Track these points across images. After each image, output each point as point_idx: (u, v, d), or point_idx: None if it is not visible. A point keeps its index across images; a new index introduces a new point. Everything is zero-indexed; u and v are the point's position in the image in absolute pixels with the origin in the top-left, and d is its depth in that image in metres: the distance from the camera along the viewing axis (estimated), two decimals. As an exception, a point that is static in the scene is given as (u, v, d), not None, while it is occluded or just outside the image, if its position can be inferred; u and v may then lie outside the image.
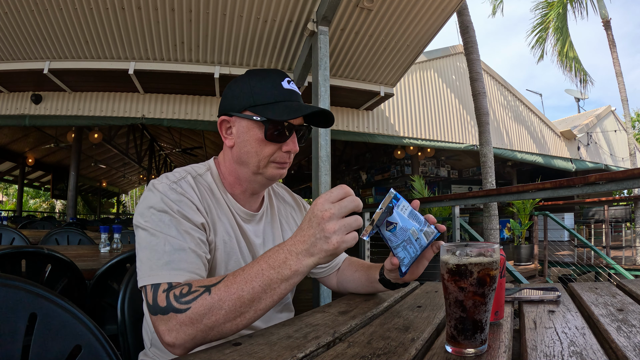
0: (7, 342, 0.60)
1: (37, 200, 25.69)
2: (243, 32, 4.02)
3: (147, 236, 0.73)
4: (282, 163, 0.87)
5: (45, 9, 3.69)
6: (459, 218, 3.38)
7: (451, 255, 0.55)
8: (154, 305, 0.67)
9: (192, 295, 0.64)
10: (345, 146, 11.18)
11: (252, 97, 0.83)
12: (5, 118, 5.38)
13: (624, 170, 1.96)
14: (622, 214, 6.56)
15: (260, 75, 0.86)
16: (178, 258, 0.71)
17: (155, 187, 0.78)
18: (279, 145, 0.85)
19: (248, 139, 0.84)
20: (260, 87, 0.84)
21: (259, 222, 0.94)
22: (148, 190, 0.79)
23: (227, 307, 0.63)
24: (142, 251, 0.73)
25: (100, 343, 0.69)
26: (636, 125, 21.31)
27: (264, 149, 0.84)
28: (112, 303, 1.46)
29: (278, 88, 0.84)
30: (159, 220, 0.74)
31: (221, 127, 0.88)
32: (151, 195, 0.77)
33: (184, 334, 0.63)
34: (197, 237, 0.76)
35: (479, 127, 5.53)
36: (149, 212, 0.75)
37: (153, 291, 0.68)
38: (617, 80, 9.63)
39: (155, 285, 0.68)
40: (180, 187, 0.79)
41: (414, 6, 3.75)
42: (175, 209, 0.75)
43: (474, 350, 0.54)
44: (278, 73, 0.87)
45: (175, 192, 0.77)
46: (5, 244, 2.60)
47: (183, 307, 0.63)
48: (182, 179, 0.82)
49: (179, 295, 0.65)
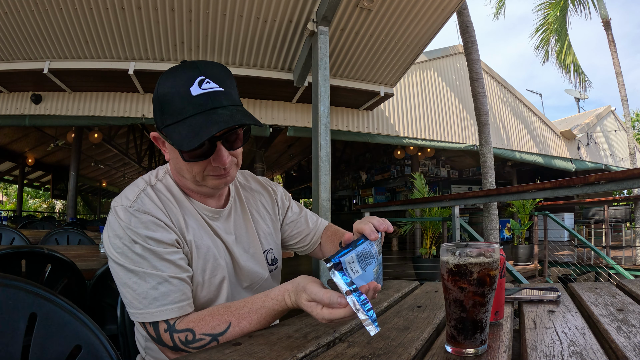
0: (7, 342, 0.60)
1: (37, 200, 25.69)
2: (243, 32, 4.02)
3: (125, 273, 0.72)
4: (218, 175, 0.80)
5: (45, 9, 3.69)
6: (459, 218, 3.38)
7: (451, 255, 0.55)
8: (158, 339, 0.71)
9: (198, 342, 0.68)
10: (345, 146, 11.17)
11: (162, 115, 0.75)
12: (5, 118, 5.38)
13: (624, 170, 1.96)
14: (622, 214, 6.56)
15: (168, 82, 0.74)
16: (164, 292, 0.71)
17: (118, 214, 0.74)
18: (206, 161, 0.77)
19: (176, 157, 0.79)
20: (168, 101, 0.73)
21: (227, 218, 0.90)
22: (112, 215, 0.75)
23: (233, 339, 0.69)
24: (123, 287, 0.73)
25: (100, 343, 0.69)
26: (636, 125, 21.31)
27: (192, 167, 0.78)
28: (112, 303, 1.45)
29: (186, 98, 0.72)
30: (131, 253, 0.71)
31: (156, 141, 0.82)
32: (116, 224, 0.73)
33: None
34: (175, 259, 0.74)
35: (479, 127, 5.53)
36: (119, 242, 0.72)
37: (154, 328, 0.71)
38: (617, 80, 9.63)
39: (153, 324, 0.71)
40: (141, 205, 0.74)
41: (414, 6, 3.75)
42: (144, 235, 0.72)
43: (474, 350, 0.54)
44: (188, 73, 0.73)
45: (138, 214, 0.73)
46: (5, 244, 2.60)
47: (193, 350, 0.68)
48: (141, 193, 0.77)
49: (185, 342, 0.69)
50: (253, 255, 0.92)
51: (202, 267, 0.81)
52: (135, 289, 0.71)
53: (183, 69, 0.74)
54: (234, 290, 0.88)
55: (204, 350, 0.60)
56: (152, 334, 0.72)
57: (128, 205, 0.74)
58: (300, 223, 1.06)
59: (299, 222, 1.06)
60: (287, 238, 1.07)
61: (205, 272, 0.81)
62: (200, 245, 0.82)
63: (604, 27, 9.60)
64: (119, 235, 0.72)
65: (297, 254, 1.15)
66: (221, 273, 0.84)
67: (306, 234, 1.07)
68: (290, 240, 1.07)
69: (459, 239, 3.39)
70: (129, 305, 0.72)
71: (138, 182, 0.81)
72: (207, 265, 0.82)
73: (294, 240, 1.07)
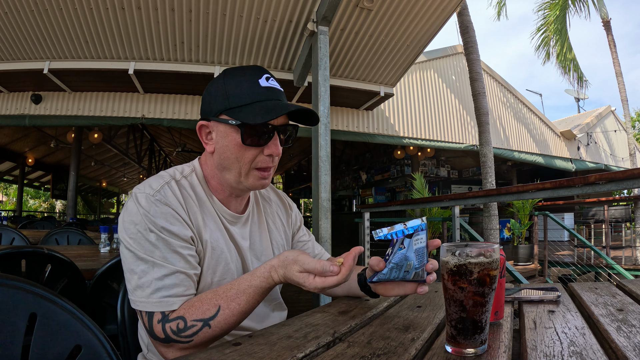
0: (7, 342, 0.60)
1: (37, 200, 25.69)
2: (243, 32, 4.02)
3: (134, 260, 0.72)
4: (265, 169, 0.83)
5: (45, 9, 3.69)
6: (459, 218, 3.38)
7: (451, 255, 0.55)
8: (151, 331, 0.71)
9: (190, 330, 0.69)
10: (345, 146, 11.17)
11: (227, 99, 0.79)
12: (5, 118, 5.38)
13: (624, 170, 1.96)
14: (622, 214, 6.56)
15: (236, 74, 0.81)
16: (168, 284, 0.71)
17: (139, 201, 0.74)
18: (259, 149, 0.81)
19: (227, 144, 0.80)
20: (236, 88, 0.79)
21: (245, 224, 0.91)
22: (131, 201, 0.76)
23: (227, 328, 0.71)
24: (130, 273, 0.73)
25: (100, 343, 0.69)
26: (636, 125, 21.31)
27: (244, 154, 0.80)
28: (112, 303, 1.46)
29: (255, 87, 0.79)
30: (145, 241, 0.72)
31: (200, 133, 0.84)
32: (134, 210, 0.74)
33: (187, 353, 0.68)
34: (186, 254, 0.75)
35: (479, 127, 5.53)
36: (133, 228, 0.73)
37: (148, 318, 0.72)
38: (617, 80, 9.63)
39: (149, 314, 0.71)
40: (163, 197, 0.75)
41: (414, 6, 3.75)
42: (160, 225, 0.73)
43: (474, 350, 0.54)
44: (256, 70, 0.81)
45: (159, 204, 0.74)
46: (5, 244, 2.60)
47: (184, 339, 0.69)
48: (165, 185, 0.78)
49: (176, 331, 0.69)
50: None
51: (213, 268, 0.82)
52: (141, 277, 0.72)
53: (249, 67, 0.83)
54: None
55: (203, 350, 0.60)
56: (145, 324, 0.72)
57: (150, 194, 0.75)
58: (307, 246, 1.07)
59: (307, 244, 1.07)
60: None
61: (216, 274, 0.82)
62: (215, 247, 0.83)
63: (604, 27, 9.61)
64: (136, 221, 0.73)
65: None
66: (230, 277, 0.84)
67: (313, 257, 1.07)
68: None
69: (459, 239, 3.39)
70: (132, 292, 0.73)
71: (162, 174, 0.82)
72: (218, 267, 0.82)
73: None
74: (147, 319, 0.72)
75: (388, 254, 0.70)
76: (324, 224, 3.03)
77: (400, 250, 0.68)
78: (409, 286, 0.74)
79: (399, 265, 0.69)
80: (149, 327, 0.71)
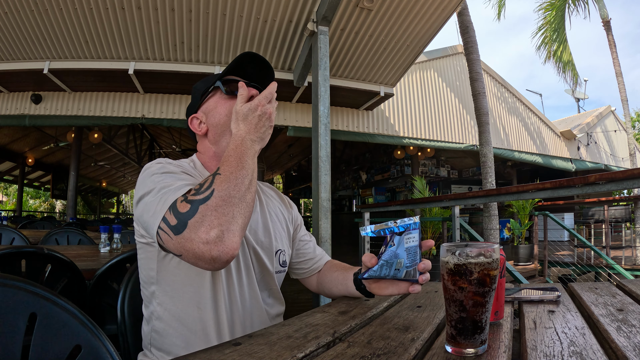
0: (7, 342, 0.60)
1: (37, 200, 25.69)
2: (243, 32, 4.02)
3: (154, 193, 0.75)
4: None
5: (45, 9, 3.69)
6: (459, 218, 3.38)
7: (451, 255, 0.55)
8: (181, 218, 0.66)
9: (206, 183, 0.70)
10: (345, 146, 11.18)
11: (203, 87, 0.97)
12: (5, 118, 5.38)
13: (624, 170, 1.96)
14: (622, 214, 6.56)
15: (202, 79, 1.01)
16: (184, 181, 0.78)
17: (152, 163, 0.84)
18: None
19: (216, 111, 0.94)
20: (205, 81, 0.98)
21: None
22: (145, 169, 0.83)
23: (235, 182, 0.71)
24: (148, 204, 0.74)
25: (100, 343, 0.69)
26: (636, 125, 21.31)
27: (230, 107, 0.92)
28: (112, 303, 1.46)
29: (217, 74, 0.97)
30: (162, 175, 0.79)
31: (193, 125, 0.97)
32: (149, 169, 0.82)
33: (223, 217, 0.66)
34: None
35: (479, 127, 5.53)
36: (150, 178, 0.79)
37: (173, 211, 0.68)
38: (617, 80, 9.63)
39: (172, 206, 0.69)
40: (177, 162, 0.87)
41: (414, 6, 3.75)
42: (176, 170, 0.82)
43: (473, 350, 0.54)
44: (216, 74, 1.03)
45: (172, 164, 0.85)
46: (5, 244, 2.60)
47: (207, 192, 0.68)
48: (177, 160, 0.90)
49: (195, 192, 0.69)
50: (264, 249, 0.94)
51: None
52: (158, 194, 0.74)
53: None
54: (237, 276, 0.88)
55: (203, 350, 0.60)
56: (171, 222, 0.67)
57: (164, 160, 0.86)
58: (308, 246, 1.10)
59: (308, 244, 1.10)
60: (292, 255, 1.08)
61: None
62: None
63: (604, 27, 9.60)
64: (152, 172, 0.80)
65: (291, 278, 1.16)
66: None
67: (310, 257, 1.09)
68: (294, 258, 1.09)
69: (459, 239, 3.39)
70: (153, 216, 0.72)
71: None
72: None
73: (297, 259, 1.08)
74: (172, 215, 0.68)
75: (381, 251, 0.71)
76: (324, 224, 3.03)
77: (390, 247, 0.69)
78: (402, 285, 0.75)
79: (389, 263, 0.69)
80: (175, 217, 0.67)
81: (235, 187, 0.70)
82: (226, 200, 0.67)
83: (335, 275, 0.99)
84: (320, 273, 1.07)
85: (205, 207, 0.66)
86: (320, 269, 1.08)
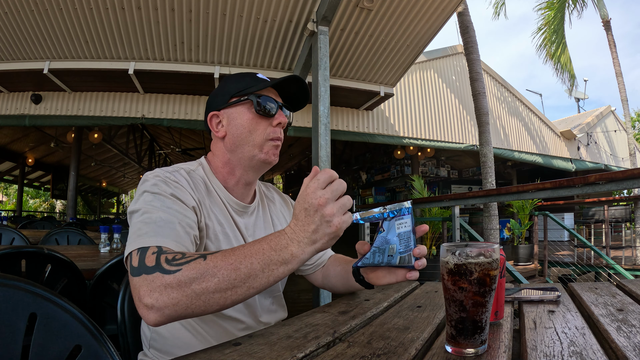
0: (7, 342, 0.60)
1: (37, 200, 25.69)
2: (243, 32, 4.02)
3: (138, 215, 0.73)
4: (276, 139, 0.91)
5: (45, 9, 3.69)
6: (459, 218, 3.38)
7: (451, 255, 0.55)
8: (139, 266, 0.63)
9: (186, 259, 0.61)
10: (345, 146, 11.17)
11: (234, 89, 0.91)
12: (5, 118, 5.38)
13: (624, 170, 1.96)
14: (622, 214, 6.56)
15: (236, 76, 0.95)
16: (168, 229, 0.70)
17: (148, 177, 0.80)
18: (268, 120, 0.90)
19: (240, 122, 0.89)
20: (239, 82, 0.92)
21: (250, 216, 0.95)
22: (142, 182, 0.80)
23: (221, 275, 0.60)
24: (133, 225, 0.72)
25: (100, 343, 0.69)
26: (636, 125, 21.31)
27: (257, 126, 0.89)
28: (112, 303, 1.46)
29: (254, 78, 0.92)
30: (152, 200, 0.75)
31: (211, 123, 0.92)
32: (144, 184, 0.79)
33: (167, 297, 0.59)
34: (189, 217, 0.76)
35: (479, 127, 5.53)
36: (142, 196, 0.76)
37: (140, 254, 0.65)
38: (617, 80, 9.63)
39: (143, 249, 0.65)
40: (173, 176, 0.81)
41: (414, 6, 3.75)
42: (169, 192, 0.77)
43: (474, 350, 0.54)
44: (250, 72, 0.95)
45: (168, 180, 0.79)
46: (5, 244, 2.60)
47: (173, 269, 0.60)
48: (176, 172, 0.84)
49: (170, 260, 0.62)
50: None
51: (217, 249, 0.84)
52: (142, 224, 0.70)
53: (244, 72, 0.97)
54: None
55: (203, 350, 0.60)
56: (133, 262, 0.64)
57: (161, 172, 0.81)
58: None
59: None
60: None
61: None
62: (219, 231, 0.86)
63: (604, 27, 9.61)
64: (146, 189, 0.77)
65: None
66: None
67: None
68: None
69: (459, 239, 3.39)
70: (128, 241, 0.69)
71: (171, 166, 0.87)
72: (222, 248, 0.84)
73: None
74: (138, 256, 0.64)
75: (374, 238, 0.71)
76: (324, 224, 3.02)
77: (380, 233, 0.69)
78: (399, 273, 0.75)
79: (380, 249, 0.69)
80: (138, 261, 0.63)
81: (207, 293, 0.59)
82: (181, 289, 0.59)
83: (338, 269, 0.98)
84: (324, 268, 1.06)
85: (161, 278, 0.60)
86: (324, 263, 1.07)
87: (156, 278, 0.60)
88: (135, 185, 21.88)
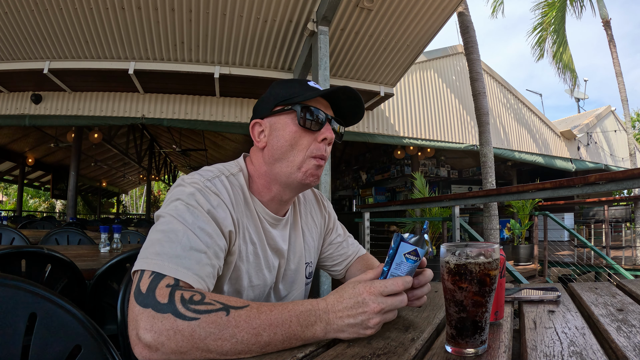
0: (7, 342, 0.60)
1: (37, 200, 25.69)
2: (243, 32, 4.02)
3: (167, 221, 0.67)
4: (319, 157, 0.81)
5: (45, 9, 3.69)
6: (459, 218, 3.38)
7: (451, 255, 0.55)
8: (147, 295, 0.57)
9: (205, 306, 0.56)
10: (345, 146, 11.17)
11: (281, 96, 0.83)
12: (5, 118, 5.39)
13: (624, 170, 1.96)
14: (622, 214, 6.56)
15: (284, 82, 0.87)
16: (193, 257, 0.64)
17: (186, 182, 0.73)
18: (313, 134, 0.81)
19: (282, 134, 0.81)
20: (287, 88, 0.83)
21: (284, 227, 0.90)
22: (178, 185, 0.74)
23: (240, 337, 0.55)
24: (155, 233, 0.66)
25: (100, 343, 0.69)
26: (636, 125, 21.30)
27: (299, 140, 0.80)
28: (112, 303, 1.46)
29: (304, 86, 0.83)
30: (185, 210, 0.68)
31: (253, 130, 0.85)
32: (182, 189, 0.72)
33: (175, 344, 0.54)
34: (219, 244, 0.71)
35: (479, 127, 5.53)
36: (174, 203, 0.70)
37: (152, 280, 0.59)
38: (617, 80, 9.63)
39: (157, 275, 0.60)
40: (214, 186, 0.74)
41: (414, 6, 3.75)
42: (207, 207, 0.70)
43: (474, 350, 0.54)
44: (300, 79, 0.87)
45: (207, 191, 0.73)
46: (5, 243, 2.60)
47: (190, 314, 0.55)
48: (216, 178, 0.77)
49: (188, 300, 0.57)
50: (297, 267, 0.92)
51: (247, 270, 0.80)
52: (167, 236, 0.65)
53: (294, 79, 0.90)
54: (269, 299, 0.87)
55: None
56: (142, 287, 0.59)
57: (201, 180, 0.74)
58: (342, 247, 1.04)
59: (341, 245, 1.04)
60: (324, 258, 1.04)
61: (250, 277, 0.81)
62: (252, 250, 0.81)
63: (604, 27, 9.60)
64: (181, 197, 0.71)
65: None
66: (262, 280, 0.84)
67: (344, 258, 1.04)
68: (327, 261, 1.05)
69: (459, 239, 3.39)
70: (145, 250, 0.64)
71: (212, 168, 0.80)
72: (252, 270, 0.81)
73: (331, 262, 1.04)
74: (149, 281, 0.59)
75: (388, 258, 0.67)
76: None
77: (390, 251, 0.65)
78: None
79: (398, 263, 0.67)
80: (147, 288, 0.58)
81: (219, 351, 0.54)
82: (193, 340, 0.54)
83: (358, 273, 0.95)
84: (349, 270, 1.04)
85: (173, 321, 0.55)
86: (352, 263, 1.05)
87: (166, 319, 0.55)
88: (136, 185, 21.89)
